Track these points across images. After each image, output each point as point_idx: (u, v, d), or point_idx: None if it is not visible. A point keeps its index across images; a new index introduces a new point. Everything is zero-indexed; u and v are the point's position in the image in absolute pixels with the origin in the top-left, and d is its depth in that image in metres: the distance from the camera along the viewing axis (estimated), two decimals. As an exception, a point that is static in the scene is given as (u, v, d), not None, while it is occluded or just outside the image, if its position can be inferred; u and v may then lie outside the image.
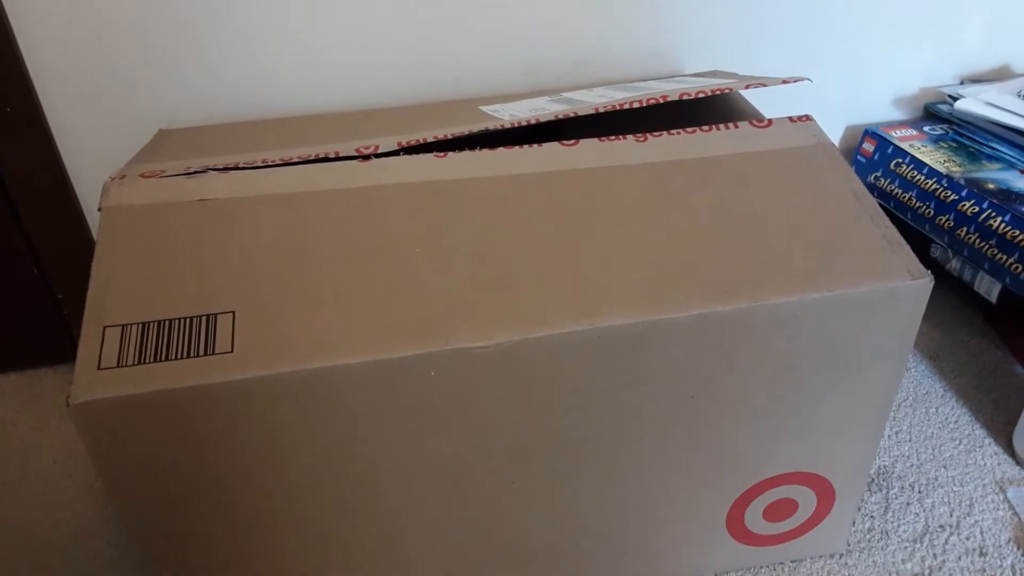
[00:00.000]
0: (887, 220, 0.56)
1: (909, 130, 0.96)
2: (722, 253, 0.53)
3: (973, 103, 0.93)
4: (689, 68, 0.91)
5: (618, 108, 0.62)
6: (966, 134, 0.94)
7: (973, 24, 0.97)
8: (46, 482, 0.77)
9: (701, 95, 0.64)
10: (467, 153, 0.59)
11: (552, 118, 0.62)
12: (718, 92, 0.65)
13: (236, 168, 0.57)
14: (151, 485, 0.48)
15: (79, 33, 0.73)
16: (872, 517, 0.72)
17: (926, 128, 0.97)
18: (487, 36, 0.83)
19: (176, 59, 0.76)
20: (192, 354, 0.46)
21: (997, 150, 0.90)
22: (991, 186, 0.84)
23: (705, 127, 0.62)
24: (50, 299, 0.85)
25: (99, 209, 0.53)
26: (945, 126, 0.97)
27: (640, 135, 0.61)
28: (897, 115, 1.02)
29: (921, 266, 0.53)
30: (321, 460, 0.49)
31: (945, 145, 0.93)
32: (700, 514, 0.61)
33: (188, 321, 0.47)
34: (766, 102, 0.94)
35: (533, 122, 0.62)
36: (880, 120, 1.02)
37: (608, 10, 0.84)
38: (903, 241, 0.54)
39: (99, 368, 0.45)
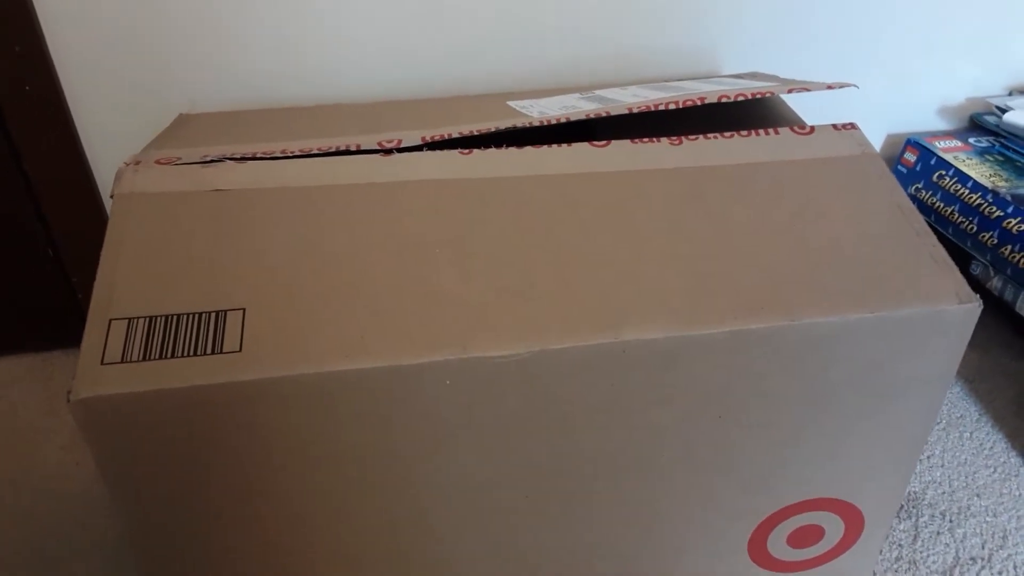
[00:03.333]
0: (934, 238, 0.53)
1: (954, 141, 0.93)
2: (757, 267, 0.50)
3: (1022, 116, 0.89)
4: (727, 68, 0.88)
5: (653, 109, 0.60)
6: (1013, 147, 0.90)
7: (1023, 34, 0.93)
8: (53, 468, 0.75)
9: (741, 98, 0.61)
10: (493, 151, 0.56)
11: (584, 117, 0.59)
12: (759, 96, 0.62)
13: (254, 158, 0.55)
14: (152, 483, 0.46)
15: (102, 13, 0.72)
16: (900, 546, 0.69)
17: (971, 140, 0.93)
18: (518, 28, 0.80)
19: (200, 42, 0.75)
20: (199, 352, 0.44)
21: (1047, 166, 0.87)
22: (1039, 203, 0.81)
23: (744, 132, 0.59)
24: (64, 282, 0.84)
25: (111, 196, 0.51)
26: (991, 138, 0.93)
27: (675, 138, 0.58)
28: (941, 125, 0.99)
29: (969, 289, 0.50)
30: (328, 467, 0.47)
31: (991, 158, 0.89)
32: (721, 538, 0.58)
33: (196, 317, 0.45)
34: (804, 106, 0.90)
35: (563, 120, 0.59)
36: (923, 129, 0.98)
37: (645, 5, 0.81)
38: (951, 261, 0.51)
39: (103, 363, 0.43)
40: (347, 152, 0.56)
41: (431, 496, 0.50)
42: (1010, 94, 0.97)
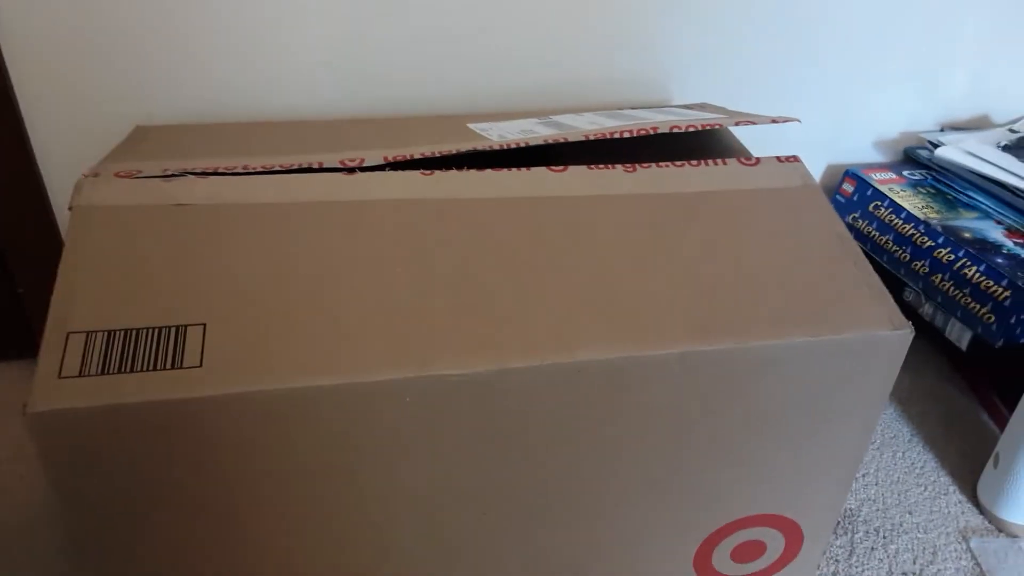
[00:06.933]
0: (870, 267, 0.56)
1: (889, 173, 0.97)
2: (706, 292, 0.52)
3: (953, 151, 0.94)
4: (677, 98, 0.91)
5: (608, 137, 0.62)
6: (945, 181, 0.95)
7: (956, 73, 0.99)
8: (-6, 483, 0.74)
9: (692, 129, 0.64)
10: (454, 172, 0.58)
11: (542, 142, 0.61)
12: (708, 127, 0.64)
13: (216, 173, 0.55)
14: (106, 498, 0.46)
15: (59, 22, 0.71)
16: (837, 561, 0.72)
17: (905, 172, 0.98)
18: (477, 52, 0.82)
19: (160, 52, 0.75)
20: (159, 367, 0.44)
21: (974, 199, 0.91)
22: (967, 235, 0.85)
23: (694, 161, 0.62)
24: (10, 293, 0.82)
25: (70, 208, 0.51)
26: (924, 171, 0.98)
27: (629, 165, 0.61)
28: (877, 157, 1.03)
29: (902, 316, 0.53)
30: (287, 482, 0.48)
31: (924, 191, 0.94)
32: (668, 553, 0.60)
33: (156, 332, 0.45)
34: (748, 135, 0.94)
35: (523, 145, 0.61)
36: (860, 161, 1.03)
37: (600, 36, 0.84)
38: (885, 290, 0.54)
39: (60, 376, 0.43)
40: (309, 169, 0.56)
41: (388, 511, 0.51)
42: (942, 130, 1.02)
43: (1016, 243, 0.84)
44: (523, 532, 0.55)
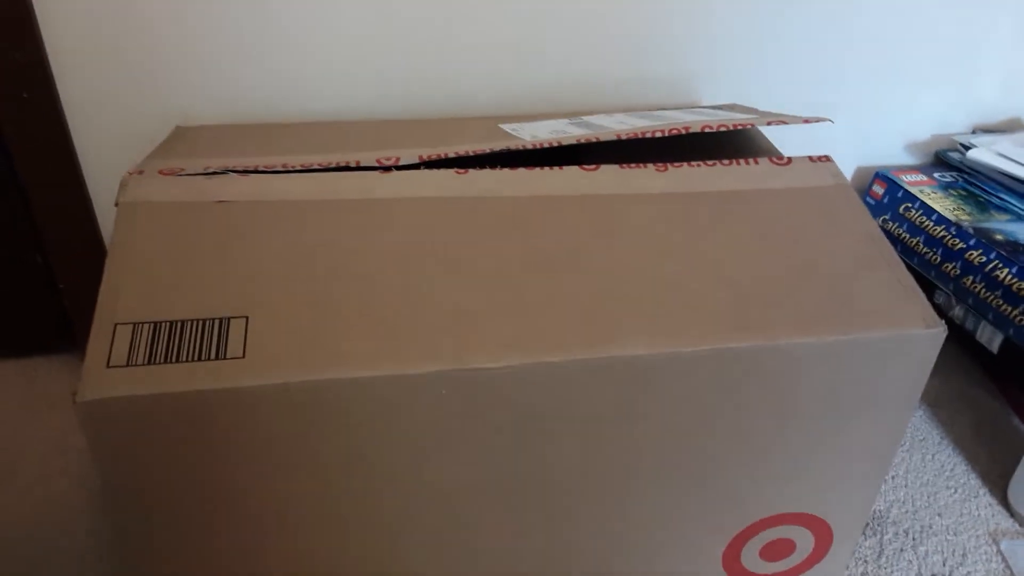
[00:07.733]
0: (903, 266, 0.56)
1: (920, 175, 0.97)
2: (737, 289, 0.53)
3: (985, 153, 0.93)
4: (706, 99, 0.91)
5: (640, 136, 0.62)
6: (976, 183, 0.95)
7: (988, 75, 0.98)
8: (36, 474, 0.76)
9: (723, 128, 0.64)
10: (488, 171, 0.59)
11: (574, 142, 0.62)
12: (739, 127, 0.65)
13: (256, 171, 0.56)
14: (152, 486, 0.47)
15: (101, 25, 0.73)
16: (866, 562, 0.72)
17: (936, 174, 0.97)
18: (509, 55, 0.83)
19: (199, 55, 0.76)
20: (203, 357, 0.45)
21: (1007, 201, 0.91)
22: (999, 237, 0.85)
23: (725, 161, 0.62)
24: (51, 288, 0.84)
25: (116, 204, 0.53)
26: (955, 174, 0.98)
27: (660, 165, 0.61)
28: (908, 159, 1.03)
29: (935, 315, 0.53)
30: (324, 472, 0.49)
31: (955, 193, 0.93)
32: (697, 550, 0.60)
33: (201, 324, 0.47)
34: (777, 136, 0.94)
35: (555, 144, 0.62)
36: (891, 163, 1.02)
37: (630, 38, 0.85)
38: (918, 288, 0.54)
39: (108, 366, 0.44)
40: (347, 168, 0.58)
41: (418, 503, 0.52)
42: (974, 132, 1.02)
43: (1049, 245, 0.83)
44: (546, 524, 0.55)
